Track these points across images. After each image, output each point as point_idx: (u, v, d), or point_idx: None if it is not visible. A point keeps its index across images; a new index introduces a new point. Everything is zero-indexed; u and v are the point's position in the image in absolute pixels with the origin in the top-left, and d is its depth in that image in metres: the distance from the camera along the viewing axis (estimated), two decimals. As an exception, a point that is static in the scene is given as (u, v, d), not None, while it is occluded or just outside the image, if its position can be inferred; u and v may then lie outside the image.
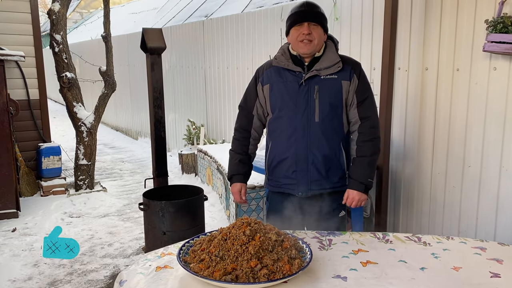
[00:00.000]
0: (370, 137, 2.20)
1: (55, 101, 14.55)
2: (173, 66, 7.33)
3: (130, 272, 1.64)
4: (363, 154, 2.20)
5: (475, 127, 2.95)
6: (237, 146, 2.39)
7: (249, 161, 2.41)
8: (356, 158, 2.23)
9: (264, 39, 5.00)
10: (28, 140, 5.41)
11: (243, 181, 2.39)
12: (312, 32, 2.11)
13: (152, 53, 3.55)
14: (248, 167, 2.40)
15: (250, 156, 2.41)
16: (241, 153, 2.38)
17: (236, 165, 2.38)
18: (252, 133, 2.37)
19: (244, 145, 2.37)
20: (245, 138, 2.37)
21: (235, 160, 2.38)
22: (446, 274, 1.61)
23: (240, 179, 2.38)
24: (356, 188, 2.20)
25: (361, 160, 2.21)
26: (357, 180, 2.20)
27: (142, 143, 8.62)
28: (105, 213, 4.80)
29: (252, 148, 2.40)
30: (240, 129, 2.38)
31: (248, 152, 2.39)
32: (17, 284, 3.24)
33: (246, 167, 2.39)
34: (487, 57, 2.81)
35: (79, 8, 21.47)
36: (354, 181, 2.20)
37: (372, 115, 2.22)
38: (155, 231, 3.25)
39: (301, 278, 1.54)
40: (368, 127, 2.20)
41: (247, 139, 2.37)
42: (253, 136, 2.38)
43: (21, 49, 5.17)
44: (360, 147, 2.21)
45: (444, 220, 3.22)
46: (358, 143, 2.21)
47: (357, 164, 2.22)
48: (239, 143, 2.38)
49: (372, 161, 2.21)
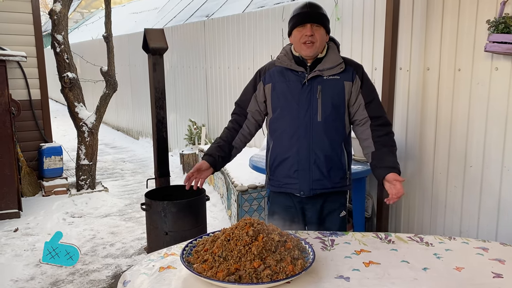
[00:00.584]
0: (386, 131, 2.18)
1: (56, 101, 14.56)
2: (174, 66, 7.34)
3: (134, 272, 1.65)
4: (385, 144, 2.14)
5: (476, 127, 2.95)
6: (223, 134, 2.34)
7: (229, 150, 2.29)
8: (377, 151, 2.14)
9: (265, 39, 5.00)
10: (29, 140, 5.42)
11: (211, 164, 2.22)
12: (314, 34, 2.11)
13: (154, 53, 3.55)
14: (224, 154, 2.27)
15: (232, 147, 2.31)
16: (224, 140, 2.30)
17: (213, 148, 2.27)
18: (243, 126, 2.33)
19: (230, 135, 2.31)
20: (234, 130, 2.32)
21: (215, 143, 2.30)
22: (448, 274, 1.62)
23: (210, 161, 2.23)
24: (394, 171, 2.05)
25: (386, 150, 2.13)
26: (393, 166, 2.07)
27: (143, 143, 8.63)
28: (107, 213, 4.81)
29: (238, 142, 2.32)
30: (232, 121, 2.37)
31: (232, 142, 2.30)
32: (19, 284, 3.25)
33: (222, 153, 2.26)
34: (489, 57, 2.81)
35: (80, 8, 21.48)
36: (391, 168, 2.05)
37: (384, 114, 2.22)
38: (157, 231, 3.25)
39: (304, 278, 1.54)
40: (382, 125, 2.19)
41: (236, 131, 2.32)
42: (244, 131, 2.33)
43: (22, 49, 5.18)
44: (378, 142, 2.15)
45: (446, 219, 3.23)
46: (375, 139, 2.16)
47: (383, 154, 2.12)
48: (227, 132, 2.33)
49: (395, 151, 2.16)
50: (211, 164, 2.22)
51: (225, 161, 2.30)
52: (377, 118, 2.20)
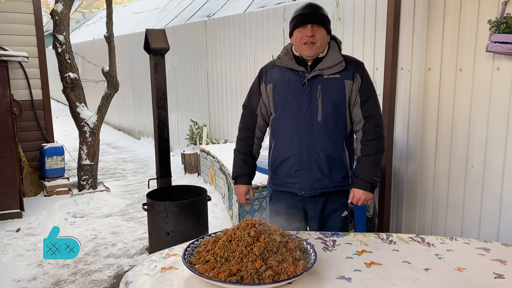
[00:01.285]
0: (374, 136, 2.21)
1: (57, 101, 14.57)
2: (176, 66, 7.34)
3: (136, 273, 1.65)
4: (368, 153, 2.21)
5: (478, 127, 2.95)
6: (241, 146, 2.39)
7: (253, 162, 2.42)
8: (361, 157, 2.24)
9: (266, 39, 5.00)
10: (31, 141, 5.43)
11: (248, 183, 2.40)
12: (315, 34, 2.12)
13: (156, 54, 3.56)
14: (252, 168, 2.41)
15: (254, 157, 2.42)
16: (245, 153, 2.38)
17: (240, 166, 2.39)
18: (256, 132, 2.37)
19: (248, 145, 2.38)
20: (249, 138, 2.37)
21: (240, 160, 2.39)
22: (450, 275, 1.62)
23: (245, 181, 2.39)
24: (362, 187, 2.20)
25: (366, 159, 2.21)
26: (362, 179, 2.21)
27: (144, 142, 8.64)
28: (108, 213, 4.82)
29: (256, 148, 2.41)
30: (244, 129, 2.38)
31: (252, 152, 2.40)
32: (21, 284, 3.26)
33: (250, 168, 2.40)
34: (490, 57, 2.81)
35: (81, 7, 21.49)
36: (360, 180, 2.21)
37: (376, 114, 2.23)
38: (159, 232, 3.26)
39: (305, 279, 1.55)
40: (372, 126, 2.21)
41: (251, 139, 2.38)
42: (257, 135, 2.39)
43: (24, 49, 5.19)
44: (365, 146, 2.22)
45: (447, 220, 3.23)
46: (362, 142, 2.22)
47: (363, 163, 2.22)
48: (243, 143, 2.38)
49: (377, 159, 2.22)
50: (246, 183, 2.40)
51: (254, 171, 2.45)
52: (370, 117, 2.21)
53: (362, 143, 2.22)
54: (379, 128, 2.23)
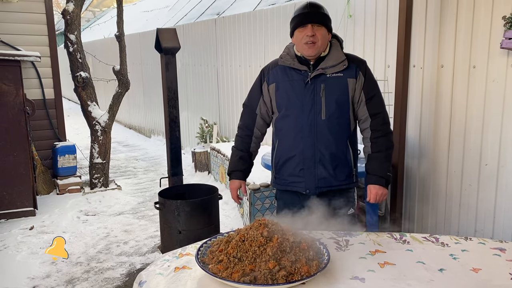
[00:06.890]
0: (383, 132, 2.22)
1: (69, 99, 14.70)
2: (186, 65, 7.36)
3: (149, 273, 1.66)
4: (379, 149, 2.21)
5: (492, 124, 2.91)
6: (238, 143, 2.42)
7: (250, 159, 2.43)
8: (371, 154, 2.24)
9: (276, 37, 4.98)
10: (44, 139, 5.48)
11: (241, 178, 2.42)
12: (316, 34, 2.11)
13: (167, 53, 3.57)
14: (248, 165, 2.43)
15: (251, 154, 2.43)
16: (242, 150, 2.40)
17: (236, 161, 2.41)
18: (254, 131, 2.39)
19: (246, 143, 2.40)
20: (248, 136, 2.40)
21: (236, 156, 2.41)
22: (465, 275, 1.60)
23: (239, 176, 2.41)
24: (377, 182, 2.20)
25: (378, 155, 2.21)
26: (377, 174, 2.21)
27: (155, 141, 8.68)
28: (120, 211, 4.85)
29: (254, 146, 2.43)
30: (243, 127, 2.41)
31: (249, 149, 2.41)
32: (35, 281, 3.30)
33: (246, 164, 2.42)
34: (505, 54, 2.77)
35: (91, 6, 21.61)
36: (374, 176, 2.21)
37: (383, 111, 2.24)
38: (170, 230, 3.27)
39: (319, 279, 1.54)
40: (380, 124, 2.21)
41: (249, 137, 2.40)
42: (256, 134, 2.40)
43: (36, 49, 5.24)
44: (375, 143, 2.22)
45: (460, 218, 3.19)
46: (372, 140, 2.22)
47: (374, 159, 2.22)
48: (241, 140, 2.41)
49: (388, 155, 2.23)
50: (240, 178, 2.40)
51: (250, 168, 2.45)
52: (377, 115, 2.21)
53: (371, 141, 2.23)
54: (386, 124, 2.24)
